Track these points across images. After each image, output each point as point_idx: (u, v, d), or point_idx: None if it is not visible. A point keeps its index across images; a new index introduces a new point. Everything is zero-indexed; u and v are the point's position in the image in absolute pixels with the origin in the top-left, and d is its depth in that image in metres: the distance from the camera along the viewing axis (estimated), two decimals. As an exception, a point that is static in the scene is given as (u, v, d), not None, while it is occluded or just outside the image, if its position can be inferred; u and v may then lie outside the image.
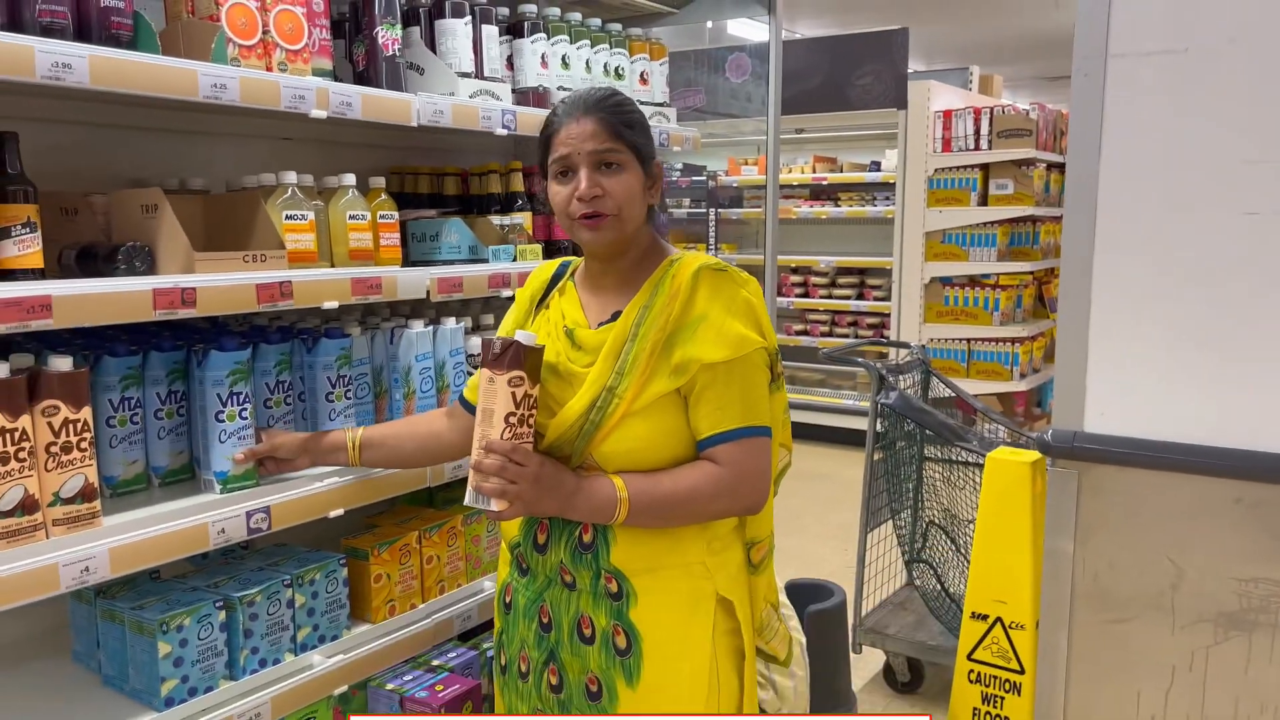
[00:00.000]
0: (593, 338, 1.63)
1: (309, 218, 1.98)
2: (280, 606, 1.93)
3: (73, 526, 1.59)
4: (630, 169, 1.60)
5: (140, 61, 1.58)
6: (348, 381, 2.08)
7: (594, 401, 1.58)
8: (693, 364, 1.55)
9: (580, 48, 2.58)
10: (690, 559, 1.62)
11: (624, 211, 1.59)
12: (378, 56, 2.10)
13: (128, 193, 1.82)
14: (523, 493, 1.52)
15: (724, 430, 1.56)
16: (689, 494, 1.56)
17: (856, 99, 6.74)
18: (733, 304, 1.59)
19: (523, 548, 1.70)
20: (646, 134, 1.65)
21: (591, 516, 1.57)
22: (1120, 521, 1.94)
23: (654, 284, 1.62)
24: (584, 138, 1.58)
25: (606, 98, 1.62)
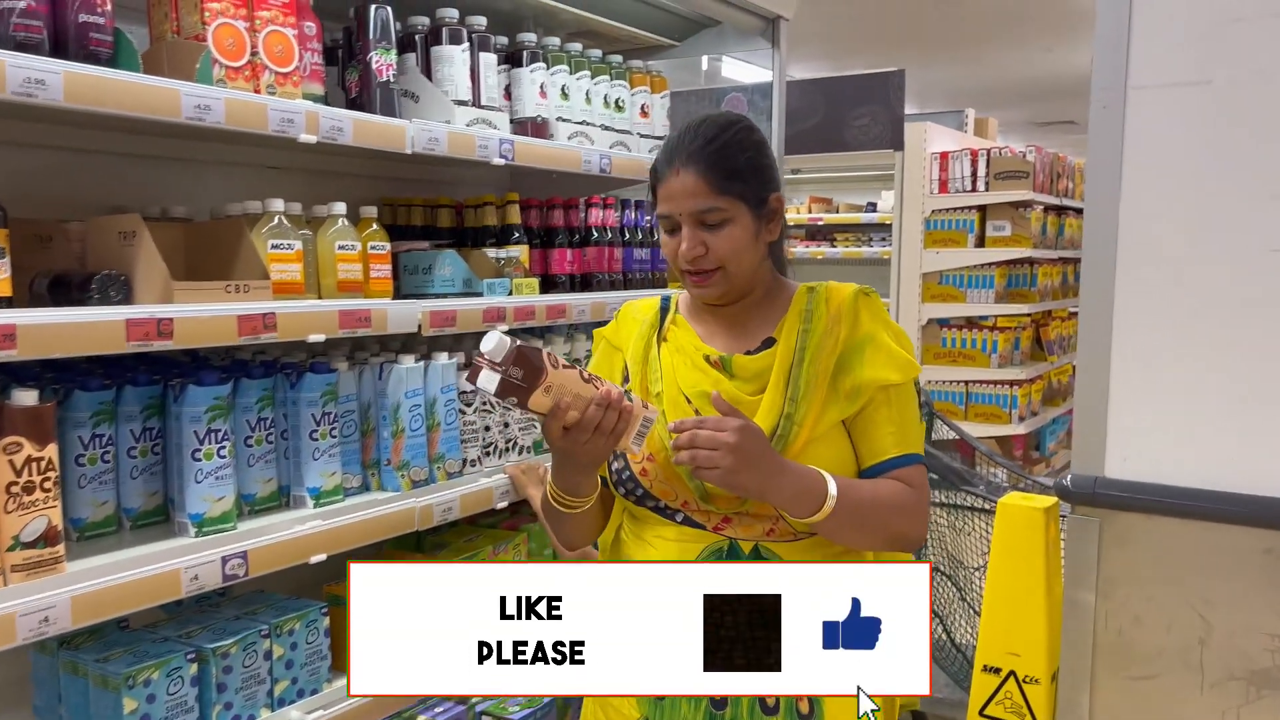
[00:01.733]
0: (753, 364, 1.52)
1: (296, 247, 1.89)
2: (257, 658, 1.82)
3: (33, 573, 1.49)
4: (738, 220, 1.47)
5: (118, 79, 1.50)
6: (333, 419, 1.98)
7: (774, 430, 1.47)
8: (870, 386, 1.48)
9: (580, 78, 2.52)
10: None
11: (730, 266, 1.48)
12: (371, 82, 2.03)
13: (104, 219, 1.74)
14: (721, 463, 1.33)
15: (908, 453, 1.50)
16: (891, 503, 1.46)
17: (853, 140, 6.71)
18: (890, 327, 1.54)
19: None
20: (758, 173, 1.50)
21: (794, 500, 1.39)
22: (1145, 572, 1.85)
23: (801, 307, 1.54)
24: (684, 194, 1.46)
25: (710, 140, 1.48)
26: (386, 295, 2.07)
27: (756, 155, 1.51)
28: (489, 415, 2.31)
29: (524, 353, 1.29)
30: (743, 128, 1.53)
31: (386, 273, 2.09)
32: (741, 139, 1.50)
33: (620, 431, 1.39)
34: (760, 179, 1.51)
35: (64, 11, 1.50)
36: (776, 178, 1.56)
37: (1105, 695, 1.91)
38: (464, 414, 2.23)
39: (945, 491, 3.28)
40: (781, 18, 2.86)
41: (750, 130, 1.54)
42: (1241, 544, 1.76)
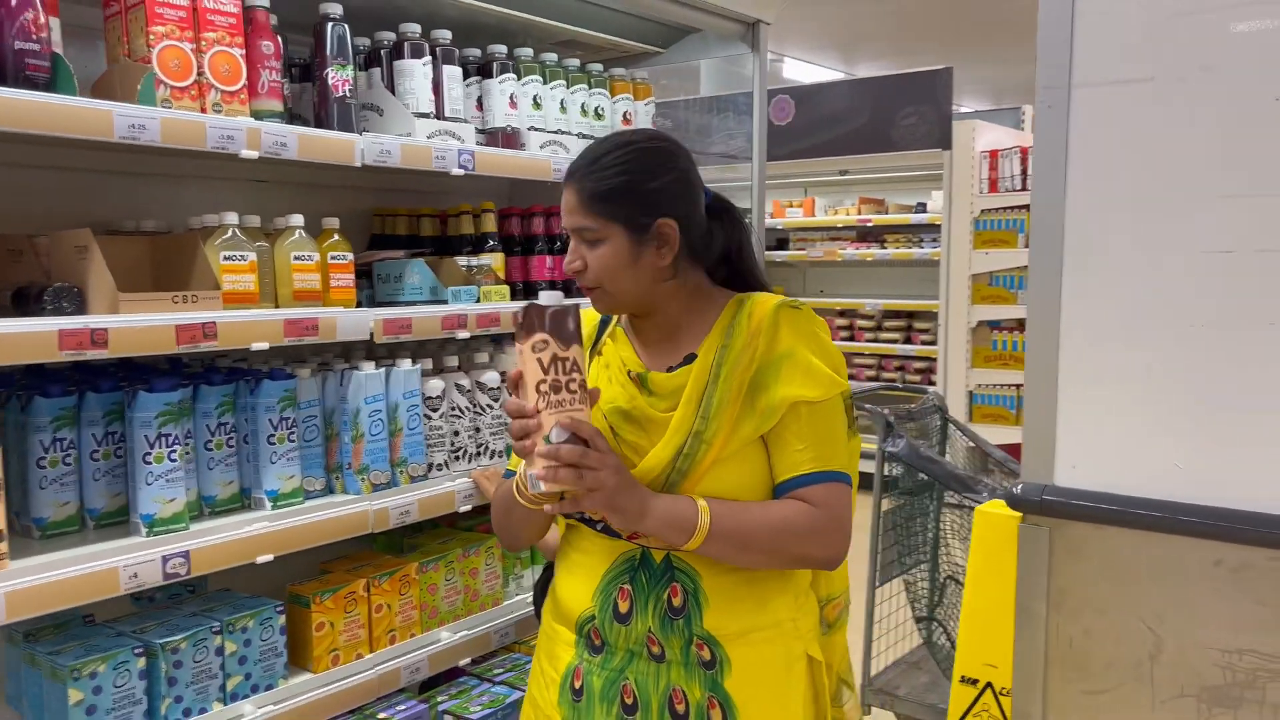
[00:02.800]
0: (669, 381, 1.53)
1: (249, 259, 1.96)
2: (208, 654, 1.89)
3: (-26, 569, 1.58)
4: (611, 239, 1.48)
5: (50, 103, 1.58)
6: (291, 424, 2.05)
7: (680, 448, 1.48)
8: (783, 404, 1.46)
9: (554, 88, 2.55)
10: (781, 616, 1.52)
11: (607, 285, 1.50)
12: (328, 98, 2.09)
13: (61, 234, 1.83)
14: (605, 480, 1.37)
15: (813, 470, 1.47)
16: (780, 526, 1.45)
17: (900, 139, 6.61)
18: (814, 343, 1.51)
19: (598, 620, 1.54)
20: (636, 196, 1.48)
21: (667, 526, 1.43)
22: (1095, 584, 1.80)
23: (727, 323, 1.53)
24: (565, 210, 1.52)
25: (592, 161, 1.51)
26: (348, 304, 2.13)
27: (640, 179, 1.48)
28: (458, 420, 2.35)
29: (527, 312, 1.40)
30: (636, 150, 1.50)
31: (348, 282, 2.14)
32: (626, 161, 1.49)
33: (525, 451, 1.39)
34: (639, 202, 1.48)
35: (1, 40, 1.59)
36: (672, 203, 1.50)
37: (1058, 709, 1.87)
38: (429, 419, 2.28)
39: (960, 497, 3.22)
40: (761, 22, 2.84)
41: (645, 154, 1.50)
42: (1191, 556, 1.70)
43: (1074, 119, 1.78)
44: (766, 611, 1.52)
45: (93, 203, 2.17)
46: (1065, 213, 1.77)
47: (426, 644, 2.24)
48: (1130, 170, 1.70)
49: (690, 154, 1.59)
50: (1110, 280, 1.74)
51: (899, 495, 3.33)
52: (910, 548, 3.36)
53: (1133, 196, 1.71)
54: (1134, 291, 1.72)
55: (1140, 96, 1.70)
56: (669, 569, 1.51)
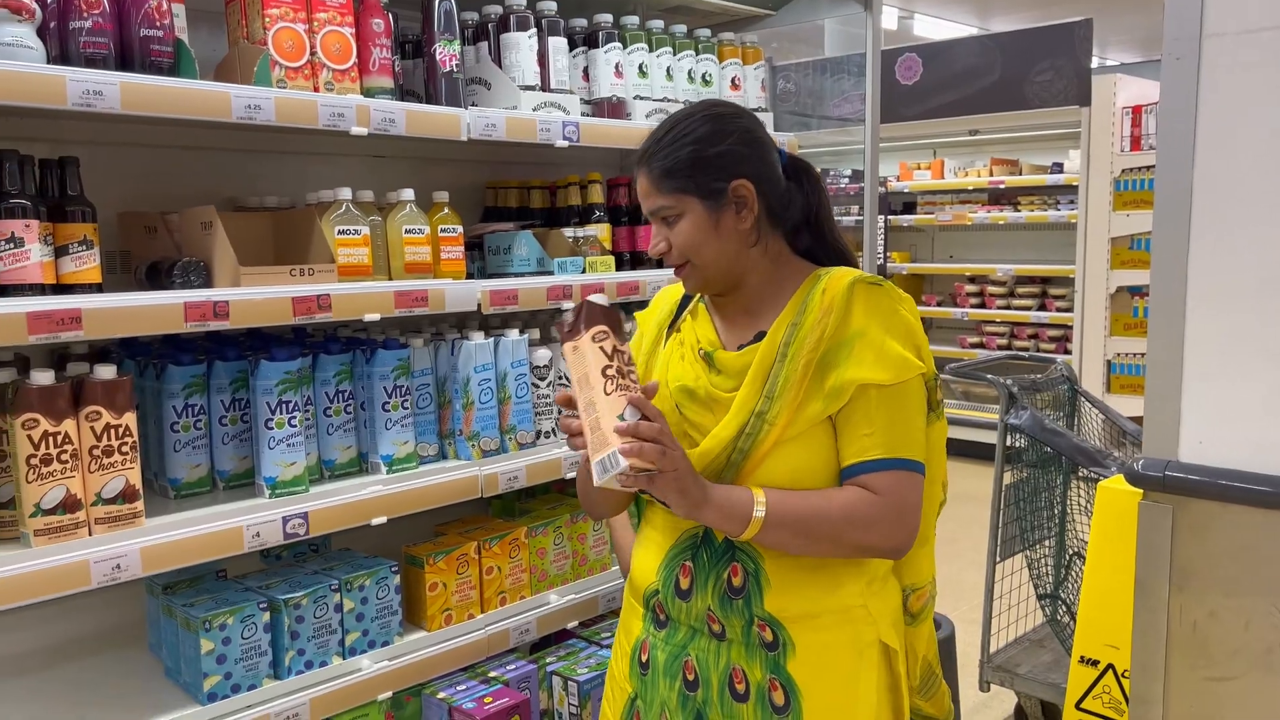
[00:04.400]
0: (735, 360, 1.50)
1: (362, 232, 2.03)
2: (328, 610, 1.99)
3: (113, 525, 1.70)
4: (689, 213, 1.47)
5: (170, 86, 1.67)
6: (405, 391, 2.12)
7: (742, 428, 1.45)
8: (850, 386, 1.41)
9: (661, 55, 2.53)
10: (850, 602, 1.48)
11: (696, 257, 1.49)
12: (437, 73, 2.14)
13: (190, 211, 1.93)
14: (679, 461, 1.36)
15: (879, 457, 1.42)
16: (837, 515, 1.41)
17: (1035, 97, 6.31)
18: (891, 322, 1.45)
19: (662, 595, 1.54)
20: (704, 164, 1.46)
21: (724, 516, 1.41)
22: (1221, 565, 1.70)
23: (801, 299, 1.49)
24: (642, 195, 1.51)
25: (655, 141, 1.50)
26: (458, 276, 2.18)
27: (704, 146, 1.46)
28: (565, 389, 2.38)
29: (584, 308, 1.42)
30: (696, 119, 1.49)
31: (458, 254, 2.20)
32: (687, 132, 1.47)
33: (578, 445, 1.40)
34: (709, 170, 1.46)
35: (128, 28, 1.68)
36: (741, 164, 1.47)
37: (1180, 695, 1.78)
38: (537, 388, 2.33)
39: (1082, 470, 3.09)
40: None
41: (704, 121, 1.48)
42: (1330, 538, 1.59)
43: (1205, 71, 1.66)
44: (835, 596, 1.48)
45: (220, 180, 2.28)
46: (1194, 172, 1.66)
47: (535, 606, 2.30)
48: (1265, 126, 1.58)
49: (754, 115, 1.56)
50: (1243, 244, 1.63)
51: (1023, 468, 3.21)
52: (1034, 523, 3.25)
53: (1268, 155, 1.58)
54: (1267, 257, 1.60)
55: (1276, 46, 1.58)
56: (730, 548, 1.50)
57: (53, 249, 1.68)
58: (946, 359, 7.29)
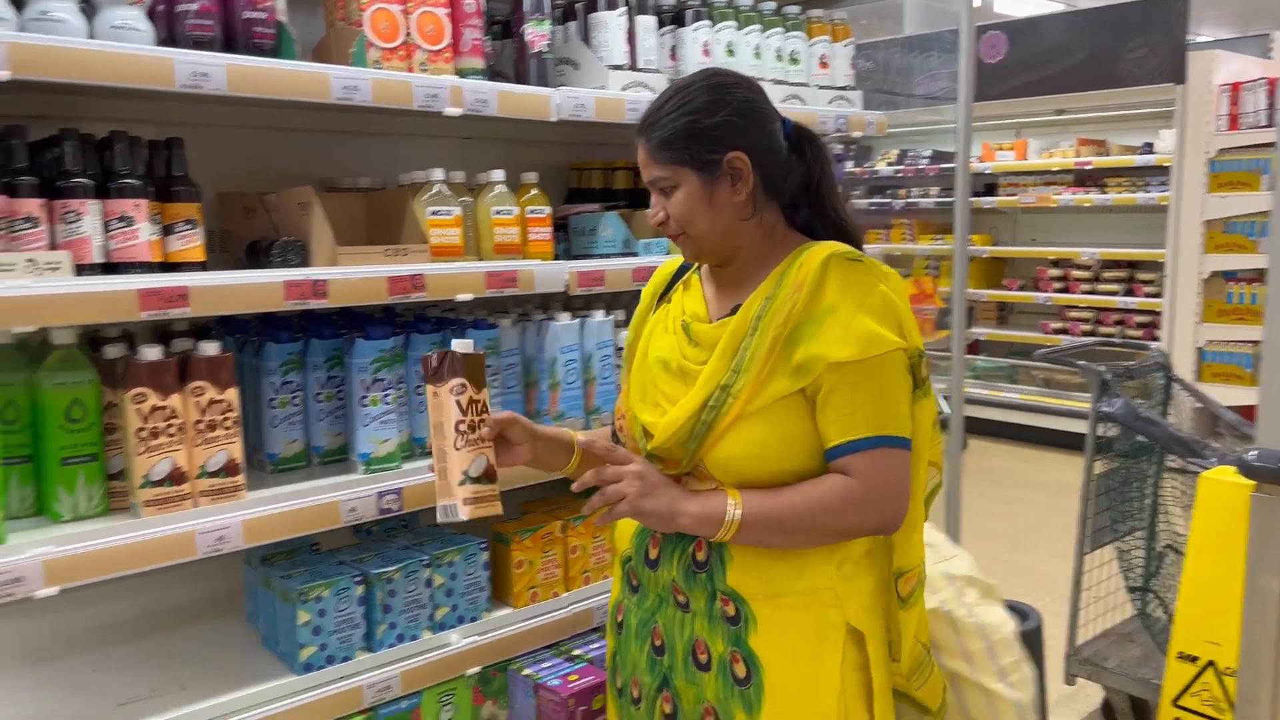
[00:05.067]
0: (709, 332, 1.52)
1: (454, 213, 2.05)
2: (419, 585, 2.02)
3: (217, 498, 1.75)
4: (684, 184, 1.48)
5: (273, 68, 1.69)
6: (494, 372, 2.14)
7: (706, 400, 1.46)
8: (816, 363, 1.40)
9: (749, 33, 2.50)
10: (818, 584, 1.47)
11: (690, 228, 1.50)
12: (526, 53, 2.14)
13: (288, 192, 1.97)
14: (624, 489, 1.43)
15: (854, 438, 1.41)
16: (813, 506, 1.41)
17: (1126, 74, 6.10)
18: (866, 298, 1.42)
19: (634, 562, 1.60)
20: (699, 136, 1.45)
21: (700, 524, 1.44)
22: (1340, 561, 1.63)
23: (779, 274, 1.48)
24: (641, 166, 1.53)
25: (653, 111, 1.50)
26: (545, 257, 2.19)
27: (699, 117, 1.45)
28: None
29: (449, 358, 1.53)
30: (695, 88, 1.48)
31: (545, 235, 2.20)
32: (685, 102, 1.47)
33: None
34: (703, 141, 1.45)
35: (232, 9, 1.71)
36: (737, 136, 1.46)
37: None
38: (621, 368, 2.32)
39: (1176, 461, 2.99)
40: (969, -49, 2.67)
41: (703, 91, 1.47)
42: None
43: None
44: (801, 578, 1.47)
45: (312, 161, 2.31)
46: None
47: (618, 587, 2.31)
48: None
49: (756, 84, 1.54)
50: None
51: (1114, 458, 3.12)
52: (1124, 514, 3.15)
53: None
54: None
55: None
56: None
57: (160, 228, 1.72)
58: (1028, 344, 7.13)
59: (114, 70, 1.53)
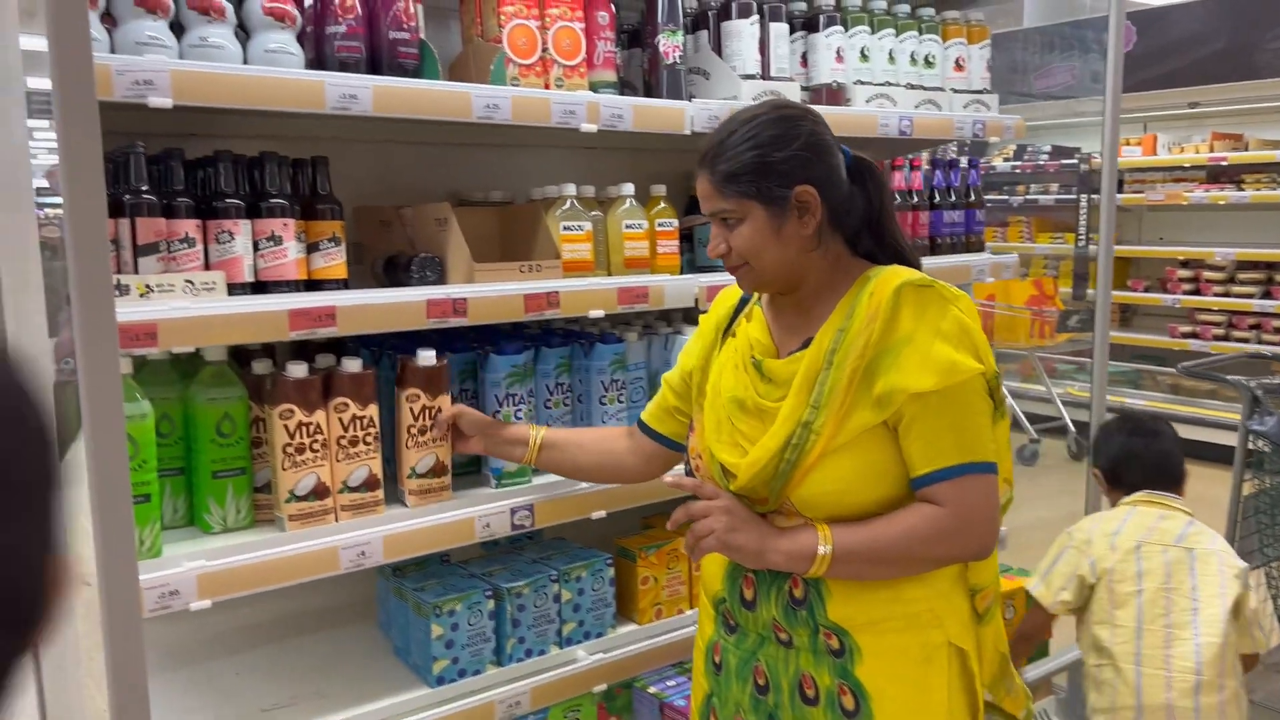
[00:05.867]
0: (783, 368, 1.49)
1: (585, 228, 2.04)
2: (547, 600, 2.02)
3: (358, 513, 1.77)
4: (750, 217, 1.45)
5: (417, 88, 1.70)
6: (621, 385, 2.12)
7: (788, 439, 1.43)
8: (897, 394, 1.38)
9: (883, 37, 2.43)
10: (917, 607, 1.46)
11: (755, 261, 1.47)
12: (658, 65, 2.11)
13: (424, 207, 1.98)
14: (712, 525, 1.45)
15: (941, 467, 1.40)
16: (903, 537, 1.40)
17: (1266, 65, 5.77)
18: (941, 324, 1.41)
19: (729, 604, 1.58)
20: (767, 170, 1.43)
21: (791, 560, 1.43)
22: None
23: (849, 304, 1.46)
24: (702, 197, 1.51)
25: (716, 144, 1.47)
26: (673, 270, 2.16)
27: (768, 151, 1.43)
28: (777, 385, 2.33)
29: (408, 368, 1.85)
30: (761, 121, 1.45)
31: (673, 248, 2.18)
32: (752, 135, 1.44)
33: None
34: (773, 175, 1.43)
35: (378, 31, 1.73)
36: (805, 170, 1.44)
37: None
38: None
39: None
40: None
41: (769, 125, 1.45)
42: None
43: None
44: (900, 602, 1.46)
45: (445, 174, 2.33)
46: None
47: (744, 605, 2.27)
48: None
49: (820, 116, 1.51)
50: None
51: (1264, 476, 2.95)
52: (1276, 535, 2.98)
53: None
54: None
55: None
56: None
57: (305, 245, 1.75)
58: (1154, 349, 6.82)
59: (269, 95, 1.55)
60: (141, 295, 1.51)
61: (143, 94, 1.43)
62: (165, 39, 1.54)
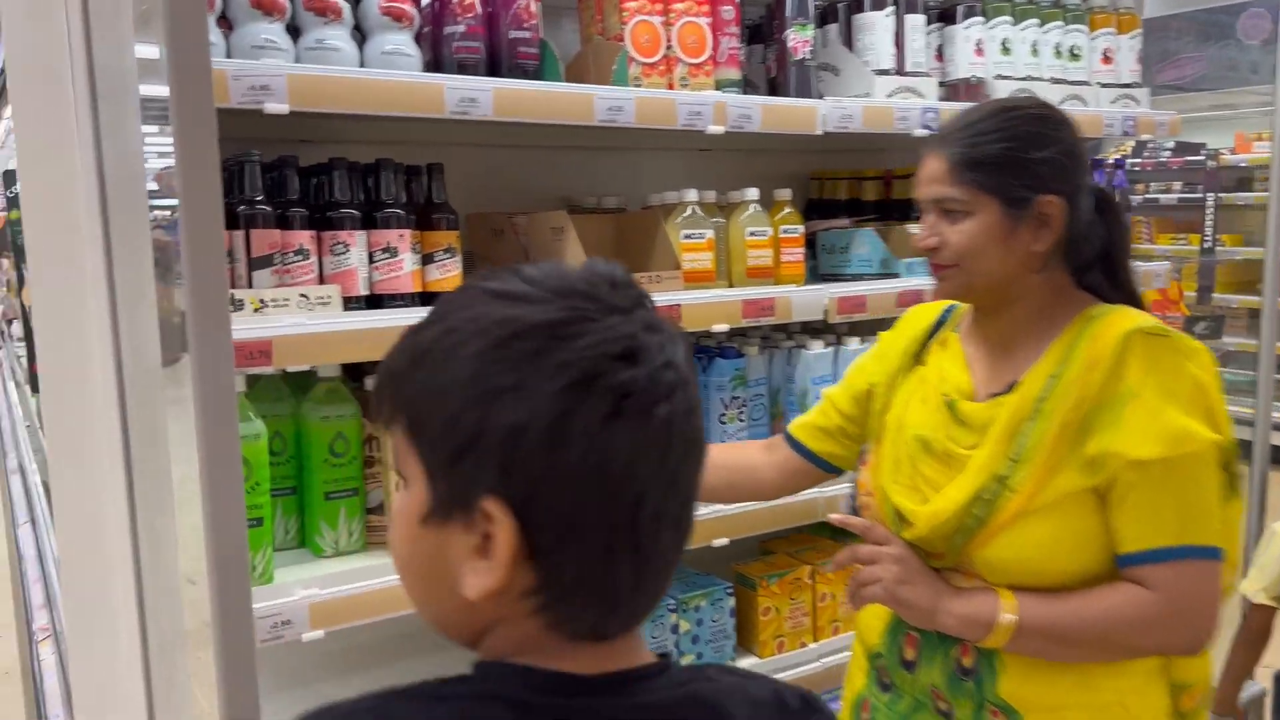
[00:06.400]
0: (980, 413, 1.32)
1: (707, 236, 1.92)
2: (665, 631, 1.91)
3: (471, 537, 1.68)
4: (981, 214, 1.28)
5: (539, 91, 1.61)
6: (741, 403, 2.00)
7: (978, 492, 1.27)
8: (1113, 459, 1.21)
9: (1025, 28, 2.25)
10: (1105, 698, 1.28)
11: (967, 264, 1.30)
12: (786, 61, 1.98)
13: (539, 216, 1.89)
14: (879, 573, 1.31)
15: (1156, 546, 1.22)
16: (1102, 619, 1.23)
17: None
18: (1175, 384, 1.23)
19: (886, 661, 1.43)
20: (1018, 167, 1.28)
21: (965, 625, 1.28)
22: None
23: (1066, 347, 1.29)
24: (926, 179, 1.34)
25: (966, 125, 1.31)
26: (797, 280, 2.03)
27: (1023, 146, 1.27)
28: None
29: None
30: (1021, 116, 1.29)
31: (798, 257, 2.05)
32: (1008, 126, 1.28)
33: None
34: (1020, 174, 1.27)
35: (497, 30, 1.64)
36: (1058, 179, 1.28)
37: None
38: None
39: None
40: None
41: (1031, 120, 1.29)
42: None
43: None
44: (1087, 689, 1.27)
45: (555, 179, 2.24)
46: None
47: (869, 638, 2.13)
48: None
49: (1080, 130, 1.34)
50: None
51: None
52: None
53: None
54: None
55: None
56: None
57: (420, 257, 1.67)
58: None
59: (386, 99, 1.48)
60: (256, 310, 1.45)
61: (259, 100, 1.36)
62: (281, 41, 1.47)
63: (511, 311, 0.68)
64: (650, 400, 0.68)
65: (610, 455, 0.66)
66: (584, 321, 0.68)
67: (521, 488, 0.66)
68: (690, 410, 0.72)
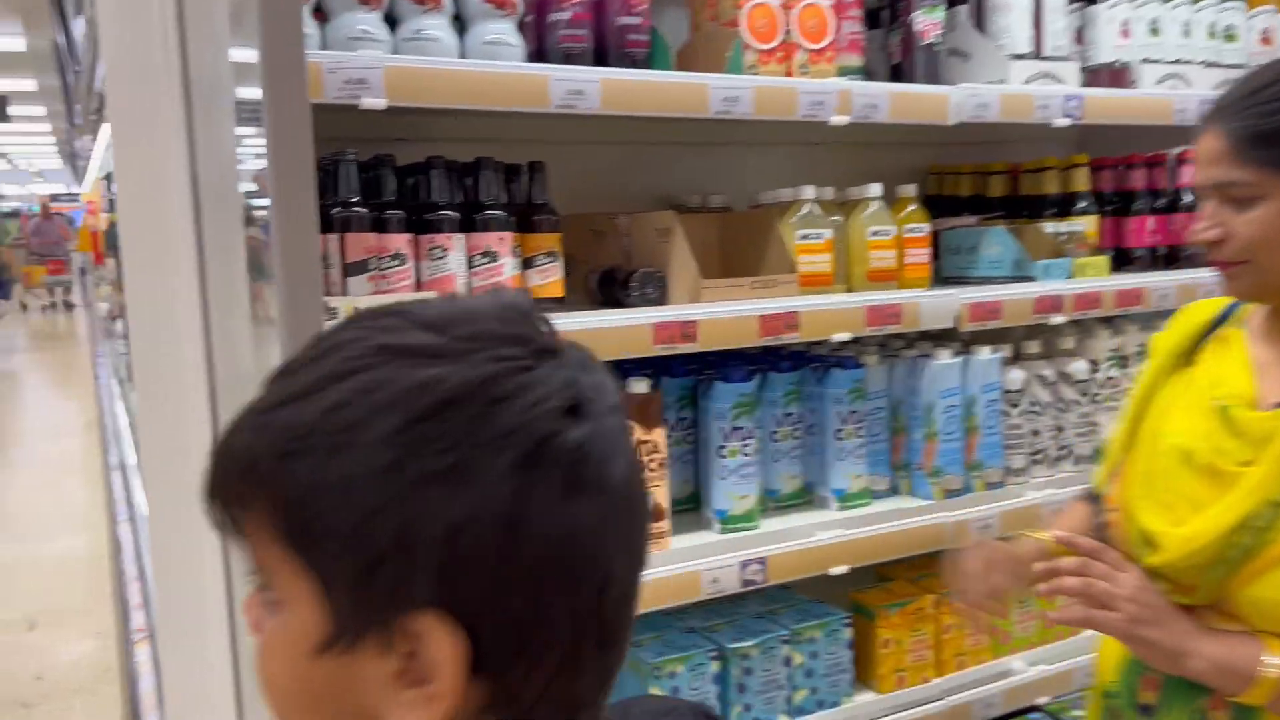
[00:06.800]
0: (1260, 423, 1.14)
1: (825, 237, 1.77)
2: (775, 663, 1.77)
3: (577, 561, 1.57)
4: (1273, 198, 1.10)
5: (649, 81, 1.49)
6: (860, 417, 1.85)
7: (1248, 517, 1.10)
8: None
9: (1176, 7, 2.04)
10: None
11: (1261, 259, 1.12)
12: (914, 46, 1.82)
13: (644, 216, 1.77)
14: (1110, 603, 1.13)
15: None
16: None
17: None
18: None
19: (1120, 701, 1.26)
20: None
21: (1219, 674, 1.11)
22: None
23: None
24: (1205, 160, 1.15)
25: (1247, 95, 1.12)
26: (922, 284, 1.87)
27: None
28: (1038, 418, 2.00)
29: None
30: None
31: (923, 258, 1.88)
32: None
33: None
34: None
35: (605, 17, 1.52)
36: None
37: None
38: (1008, 416, 1.96)
39: None
40: None
41: None
42: None
43: None
44: None
45: (655, 177, 2.11)
46: None
47: (998, 674, 1.95)
48: None
49: None
50: None
51: None
52: None
53: None
54: None
55: None
56: None
57: (521, 261, 1.57)
58: None
59: (488, 92, 1.37)
60: (349, 320, 1.35)
61: (355, 94, 1.26)
62: (378, 32, 1.37)
63: (426, 373, 0.53)
64: (604, 459, 0.55)
65: (575, 536, 0.54)
66: (517, 373, 0.54)
67: (467, 596, 0.53)
68: (638, 462, 0.60)
